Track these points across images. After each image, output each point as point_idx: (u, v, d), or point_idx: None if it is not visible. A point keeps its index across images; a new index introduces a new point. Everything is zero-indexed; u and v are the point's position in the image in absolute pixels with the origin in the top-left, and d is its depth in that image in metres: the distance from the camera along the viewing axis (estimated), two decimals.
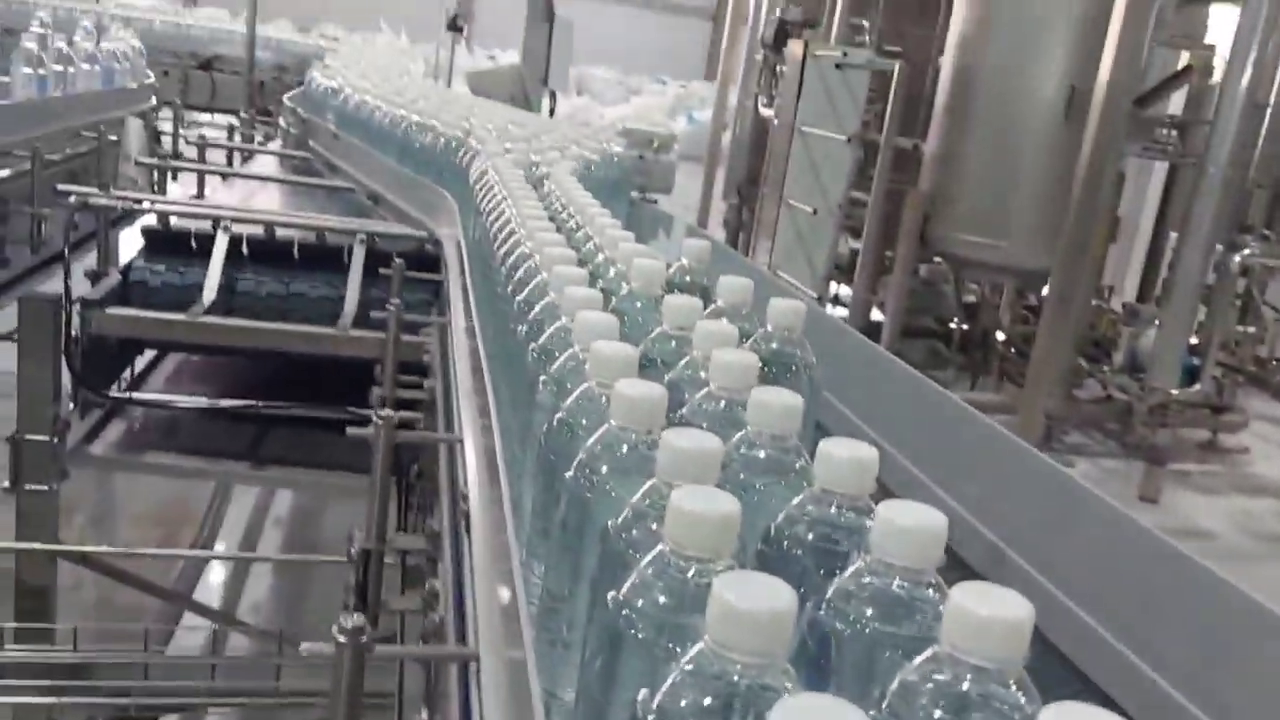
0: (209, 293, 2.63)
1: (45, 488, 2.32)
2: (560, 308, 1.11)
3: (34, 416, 2.31)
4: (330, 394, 2.71)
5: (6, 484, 2.33)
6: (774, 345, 1.13)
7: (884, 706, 0.55)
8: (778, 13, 7.00)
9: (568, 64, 10.36)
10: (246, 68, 6.83)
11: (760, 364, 0.94)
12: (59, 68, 3.65)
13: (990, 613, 0.53)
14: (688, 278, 1.43)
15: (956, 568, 0.99)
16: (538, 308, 1.19)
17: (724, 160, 8.68)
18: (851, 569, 0.65)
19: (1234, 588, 0.88)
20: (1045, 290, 6.66)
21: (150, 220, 2.79)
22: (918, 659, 0.56)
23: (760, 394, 0.82)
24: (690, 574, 0.61)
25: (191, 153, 5.17)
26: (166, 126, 5.44)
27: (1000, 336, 7.04)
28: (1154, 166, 7.19)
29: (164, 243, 2.76)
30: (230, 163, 5.07)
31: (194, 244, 2.73)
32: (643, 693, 0.55)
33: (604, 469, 0.78)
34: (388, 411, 1.47)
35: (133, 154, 3.22)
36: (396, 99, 3.59)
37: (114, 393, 2.69)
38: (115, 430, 2.64)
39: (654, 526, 0.67)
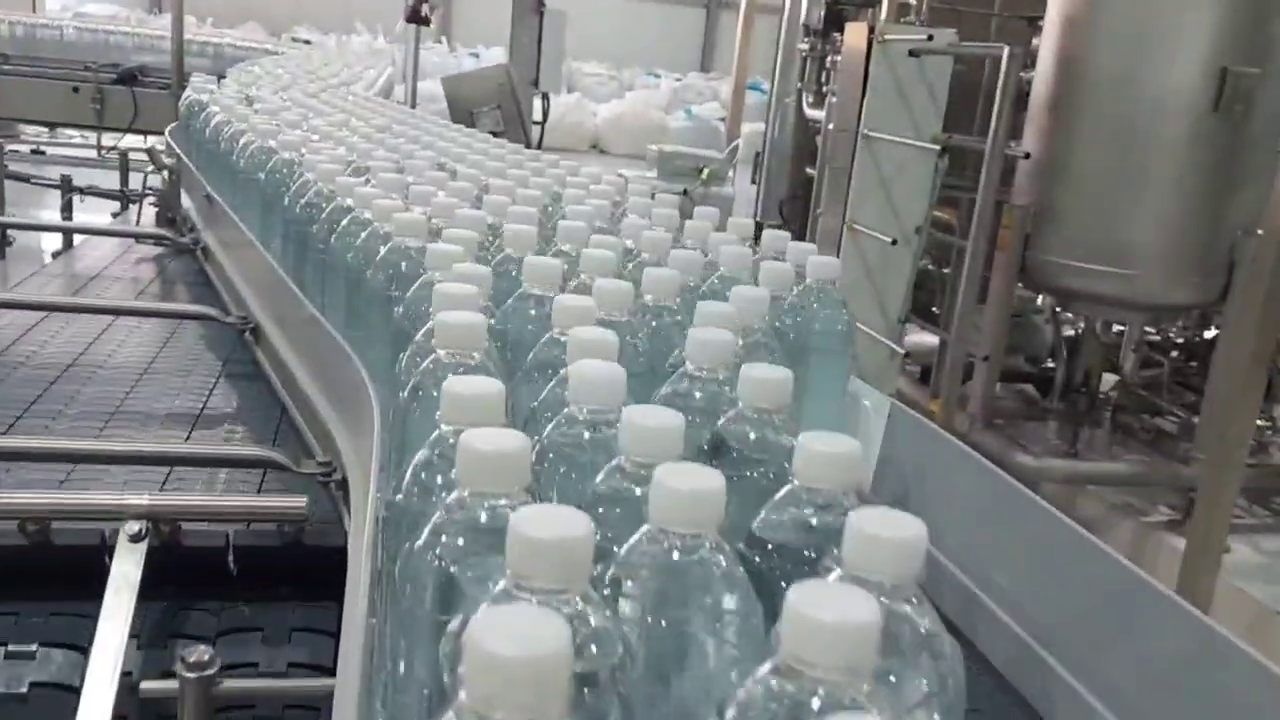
0: None
1: None
2: None
3: None
4: None
5: None
6: None
7: None
8: None
9: (560, 62, 9.08)
10: (175, 81, 5.53)
11: None
12: None
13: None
14: None
15: None
16: None
17: (747, 165, 7.42)
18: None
19: None
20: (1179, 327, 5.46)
21: None
22: None
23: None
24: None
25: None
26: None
27: (1110, 380, 5.79)
28: None
29: None
30: (65, 250, 3.09)
31: None
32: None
33: None
34: None
35: None
36: (288, 127, 2.13)
37: None
38: None
39: None
